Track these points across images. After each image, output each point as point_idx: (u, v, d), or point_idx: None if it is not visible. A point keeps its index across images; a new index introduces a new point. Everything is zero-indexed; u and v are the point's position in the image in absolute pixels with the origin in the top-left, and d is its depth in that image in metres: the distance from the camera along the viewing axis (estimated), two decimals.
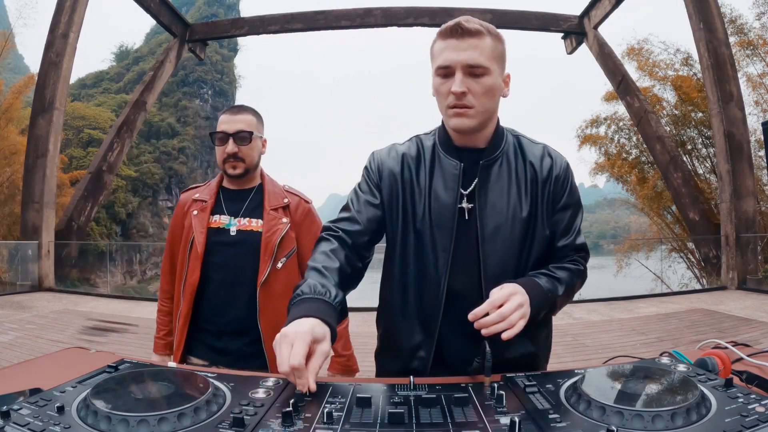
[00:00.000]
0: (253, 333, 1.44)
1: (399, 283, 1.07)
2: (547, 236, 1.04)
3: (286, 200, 1.53)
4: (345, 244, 1.03)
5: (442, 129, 1.08)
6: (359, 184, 1.11)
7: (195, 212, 1.50)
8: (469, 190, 1.02)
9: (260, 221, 1.48)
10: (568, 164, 1.08)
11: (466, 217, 1.02)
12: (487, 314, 0.87)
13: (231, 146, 1.45)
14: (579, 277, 1.07)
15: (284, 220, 1.49)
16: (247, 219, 1.49)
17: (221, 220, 1.49)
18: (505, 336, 0.86)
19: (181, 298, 1.49)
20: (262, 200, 1.52)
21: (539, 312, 0.96)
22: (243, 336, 1.45)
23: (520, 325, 0.88)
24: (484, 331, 0.87)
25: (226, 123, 1.48)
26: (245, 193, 1.54)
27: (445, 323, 1.03)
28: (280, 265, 1.46)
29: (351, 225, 1.05)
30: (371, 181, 1.09)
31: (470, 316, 0.88)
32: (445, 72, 0.97)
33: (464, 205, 1.02)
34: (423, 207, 1.03)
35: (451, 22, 0.97)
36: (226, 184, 1.56)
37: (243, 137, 1.46)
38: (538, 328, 1.06)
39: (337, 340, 1.47)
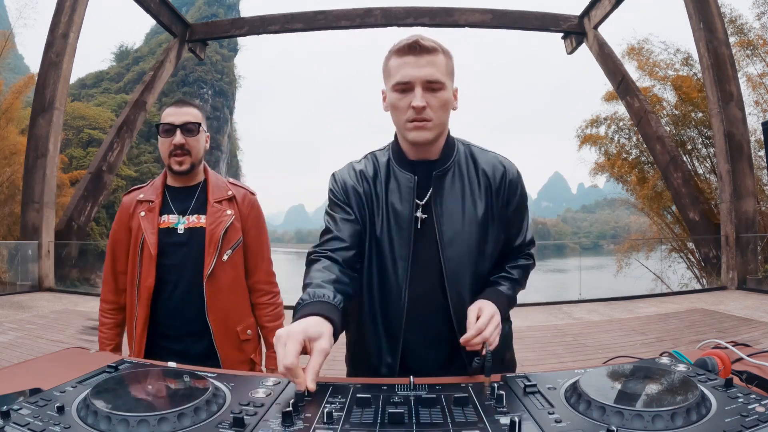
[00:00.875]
0: (205, 330, 1.42)
1: (365, 293, 1.10)
2: (502, 238, 1.12)
3: (230, 192, 1.52)
4: (336, 261, 1.03)
5: (396, 144, 1.12)
6: (330, 207, 1.13)
7: (142, 213, 1.45)
8: (424, 201, 1.07)
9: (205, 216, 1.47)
10: (518, 171, 1.16)
11: (420, 227, 1.07)
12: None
13: (178, 137, 1.43)
14: (530, 268, 1.19)
15: (229, 212, 1.48)
16: (195, 216, 1.47)
17: (170, 219, 1.46)
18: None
19: (135, 304, 1.43)
20: (207, 195, 1.50)
21: (504, 315, 1.06)
22: (201, 336, 1.43)
23: (497, 341, 0.97)
24: (468, 348, 0.96)
25: (173, 115, 1.46)
26: (191, 190, 1.51)
27: (408, 329, 1.07)
28: (225, 257, 1.45)
29: (336, 243, 1.05)
30: (340, 200, 1.12)
31: (462, 341, 0.95)
32: (403, 87, 1.01)
33: (419, 214, 1.07)
34: (381, 219, 1.08)
35: (407, 40, 1.00)
36: (170, 182, 1.52)
37: (190, 129, 1.45)
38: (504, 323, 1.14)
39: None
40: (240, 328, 1.48)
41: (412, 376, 0.83)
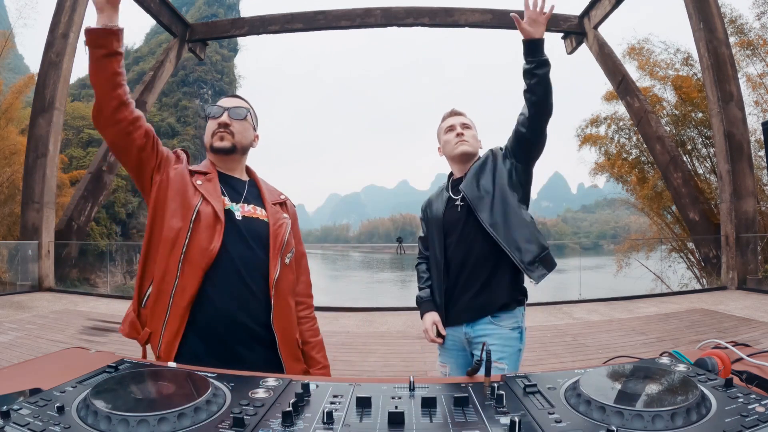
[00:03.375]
0: (267, 337, 1.28)
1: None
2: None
3: (282, 197, 1.47)
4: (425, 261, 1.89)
5: (450, 173, 1.83)
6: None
7: (199, 182, 1.30)
8: (459, 196, 1.70)
9: (264, 211, 1.37)
10: None
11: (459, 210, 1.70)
12: None
13: (224, 117, 1.36)
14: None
15: (285, 215, 1.41)
16: (252, 206, 1.36)
17: (225, 201, 1.32)
18: None
19: (177, 272, 1.21)
20: (259, 193, 1.42)
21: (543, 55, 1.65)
22: (259, 342, 1.28)
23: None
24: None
25: (223, 101, 1.42)
26: (239, 183, 1.40)
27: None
28: (287, 261, 1.35)
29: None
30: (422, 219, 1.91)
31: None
32: (450, 128, 1.77)
33: (459, 203, 1.70)
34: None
35: (448, 111, 1.83)
36: (218, 167, 1.40)
37: (239, 112, 1.39)
38: None
39: (319, 351, 1.41)
40: (296, 336, 1.37)
41: (412, 376, 0.83)
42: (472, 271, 1.62)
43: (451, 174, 1.81)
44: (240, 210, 1.33)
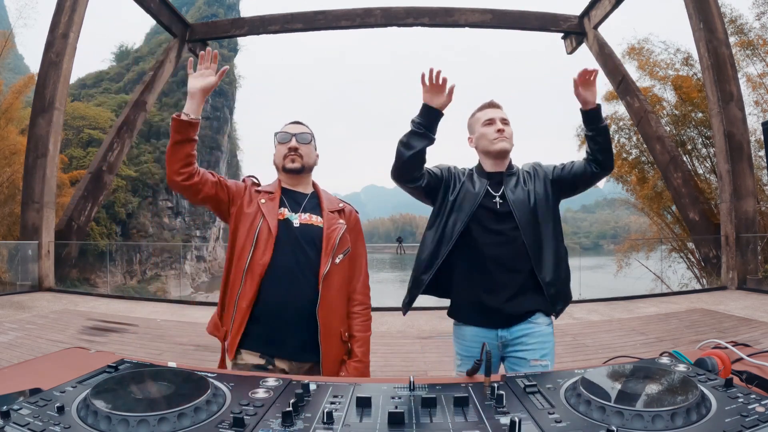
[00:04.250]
0: (311, 325, 1.48)
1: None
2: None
3: (341, 205, 1.69)
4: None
5: (479, 166, 1.78)
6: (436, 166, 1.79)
7: (263, 201, 1.58)
8: (500, 193, 1.69)
9: (320, 218, 1.60)
10: None
11: (498, 207, 1.66)
12: None
13: (293, 142, 1.62)
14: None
15: (341, 221, 1.63)
16: (308, 214, 1.60)
17: (285, 212, 1.59)
18: None
19: (241, 279, 1.50)
20: (319, 202, 1.65)
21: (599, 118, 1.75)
22: (302, 329, 1.49)
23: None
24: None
25: (289, 128, 1.66)
26: (302, 195, 1.66)
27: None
28: (338, 260, 1.56)
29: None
30: (440, 167, 1.76)
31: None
32: (489, 122, 1.72)
33: (497, 200, 1.67)
34: (456, 195, 1.70)
35: (486, 101, 1.78)
36: (284, 184, 1.66)
37: (304, 137, 1.64)
38: None
39: (360, 345, 1.56)
40: (342, 329, 1.58)
41: (412, 376, 0.83)
42: (507, 274, 1.61)
43: (479, 165, 1.77)
44: (297, 219, 1.59)
